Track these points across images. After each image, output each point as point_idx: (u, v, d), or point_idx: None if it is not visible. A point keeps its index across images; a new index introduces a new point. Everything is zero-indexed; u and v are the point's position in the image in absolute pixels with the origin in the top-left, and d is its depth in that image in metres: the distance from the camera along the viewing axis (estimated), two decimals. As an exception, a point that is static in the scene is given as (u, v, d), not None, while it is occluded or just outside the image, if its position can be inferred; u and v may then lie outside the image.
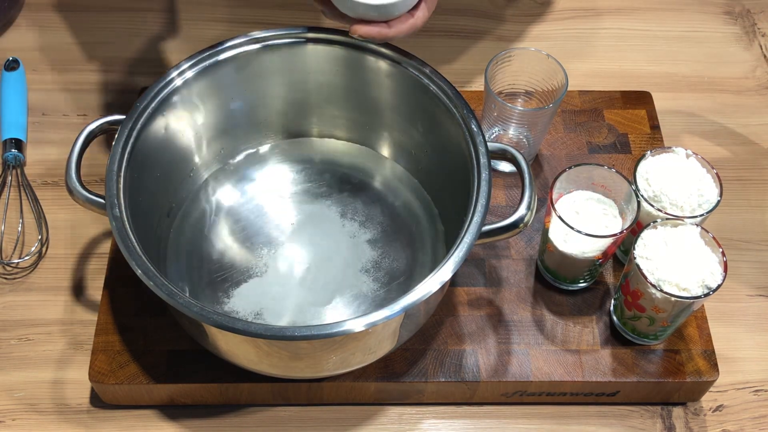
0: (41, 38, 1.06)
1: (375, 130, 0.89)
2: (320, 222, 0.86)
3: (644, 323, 0.77)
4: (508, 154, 0.75)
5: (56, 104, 1.00)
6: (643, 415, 0.81)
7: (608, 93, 0.97)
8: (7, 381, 0.81)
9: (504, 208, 0.89)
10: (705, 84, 1.05)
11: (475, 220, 0.70)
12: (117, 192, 0.72)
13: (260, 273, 0.82)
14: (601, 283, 0.84)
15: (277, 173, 0.89)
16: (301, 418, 0.80)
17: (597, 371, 0.78)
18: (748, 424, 0.81)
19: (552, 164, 0.92)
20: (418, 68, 0.80)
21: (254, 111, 0.87)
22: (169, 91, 0.78)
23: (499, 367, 0.78)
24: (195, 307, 0.66)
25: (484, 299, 0.82)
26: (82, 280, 0.87)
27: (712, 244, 0.74)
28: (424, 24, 0.77)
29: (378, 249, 0.84)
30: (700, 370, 0.78)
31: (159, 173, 0.80)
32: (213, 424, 0.79)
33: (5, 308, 0.85)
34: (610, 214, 0.79)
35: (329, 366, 0.72)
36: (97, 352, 0.78)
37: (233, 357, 0.72)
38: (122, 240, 0.69)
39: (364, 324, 0.65)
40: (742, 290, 0.88)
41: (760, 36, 1.09)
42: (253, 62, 0.82)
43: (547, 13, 1.11)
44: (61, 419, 0.79)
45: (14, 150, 0.93)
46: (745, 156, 0.98)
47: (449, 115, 0.78)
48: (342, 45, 0.81)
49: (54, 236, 0.90)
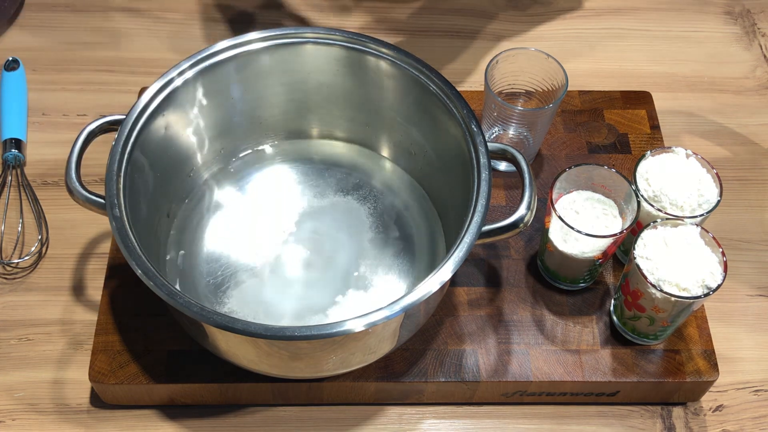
0: (41, 38, 1.06)
1: (375, 130, 0.89)
2: (320, 222, 0.86)
3: (644, 323, 0.77)
4: (508, 154, 0.75)
5: (56, 104, 1.00)
6: (643, 415, 0.81)
7: (608, 93, 0.97)
8: (7, 381, 0.81)
9: (504, 208, 0.89)
10: (705, 84, 1.05)
11: (475, 220, 0.70)
12: (117, 192, 0.72)
13: (260, 273, 0.82)
14: (601, 283, 0.84)
15: (277, 173, 0.89)
16: (301, 418, 0.80)
17: (597, 371, 0.78)
18: (748, 424, 0.81)
19: (552, 164, 0.92)
20: (418, 68, 0.80)
21: (254, 111, 0.87)
22: (169, 91, 0.78)
23: (499, 367, 0.78)
24: (195, 307, 0.66)
25: (484, 299, 0.82)
26: (82, 280, 0.87)
27: (712, 244, 0.74)
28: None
29: (378, 249, 0.84)
30: (700, 370, 0.78)
31: (159, 173, 0.80)
32: (213, 424, 0.79)
33: (5, 308, 0.85)
34: (610, 214, 0.79)
35: (329, 366, 0.72)
36: (97, 352, 0.78)
37: (233, 357, 0.72)
38: (122, 240, 0.69)
39: (364, 324, 0.65)
40: (742, 290, 0.88)
41: (760, 36, 1.09)
42: (253, 62, 0.82)
43: (547, 13, 1.11)
44: (61, 419, 0.79)
45: (14, 150, 0.93)
46: (745, 156, 0.98)
47: (449, 115, 0.78)
48: (342, 45, 0.81)
49: (54, 236, 0.90)
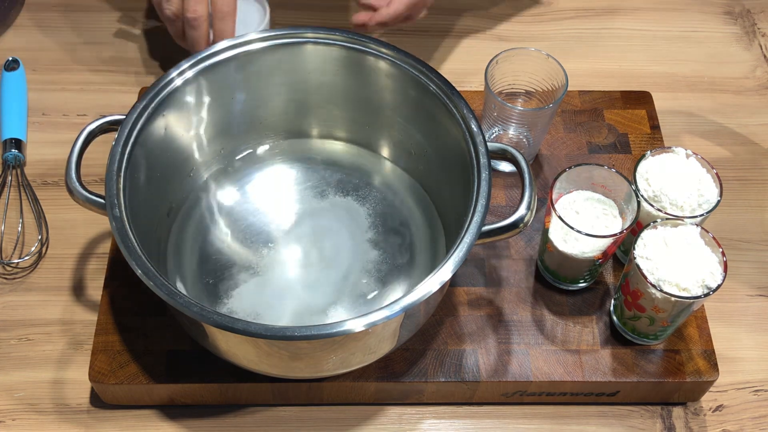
0: (41, 38, 1.06)
1: (375, 130, 0.89)
2: (320, 222, 0.86)
3: (644, 323, 0.77)
4: (508, 154, 0.75)
5: (56, 104, 1.00)
6: (643, 415, 0.81)
7: (608, 93, 0.97)
8: (7, 381, 0.81)
9: (504, 208, 0.89)
10: (705, 84, 1.05)
11: (475, 220, 0.70)
12: (117, 192, 0.72)
13: (260, 273, 0.82)
14: (601, 283, 0.84)
15: (277, 173, 0.89)
16: (301, 418, 0.80)
17: (597, 371, 0.78)
18: (748, 424, 0.81)
19: (552, 164, 0.92)
20: (418, 68, 0.79)
21: (254, 111, 0.87)
22: (169, 91, 0.78)
23: (499, 367, 0.78)
24: (195, 307, 0.66)
25: (484, 299, 0.82)
26: (82, 280, 0.87)
27: (712, 244, 0.74)
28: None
29: (378, 249, 0.84)
30: (700, 370, 0.78)
31: (159, 173, 0.80)
32: (213, 424, 0.79)
33: (5, 308, 0.85)
34: (610, 214, 0.79)
35: (329, 366, 0.72)
36: (97, 352, 0.78)
37: (233, 357, 0.72)
38: (122, 240, 0.69)
39: (364, 324, 0.65)
40: (742, 290, 0.88)
41: (760, 36, 1.09)
42: (253, 62, 0.82)
43: (547, 13, 1.11)
44: (61, 419, 0.79)
45: (14, 150, 0.93)
46: (745, 156, 0.98)
47: (449, 115, 0.78)
48: (342, 45, 0.81)
49: (54, 236, 0.89)
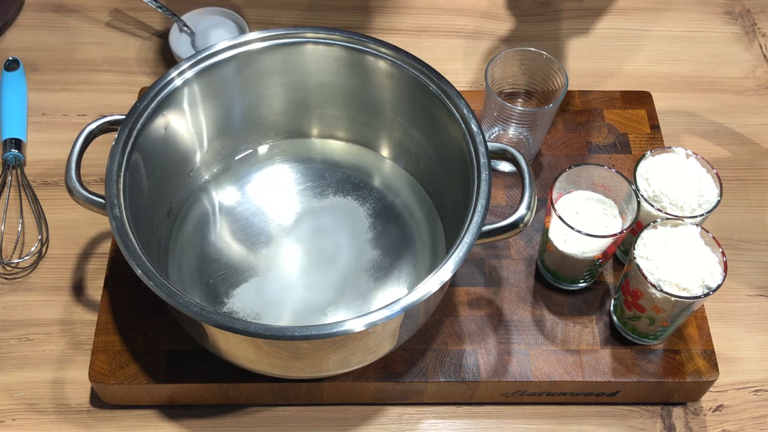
0: (41, 38, 1.06)
1: (375, 130, 0.89)
2: (320, 222, 0.86)
3: (644, 323, 0.77)
4: (508, 154, 0.75)
5: (56, 104, 1.00)
6: (643, 415, 0.81)
7: (608, 93, 0.97)
8: (7, 381, 0.81)
9: (504, 208, 0.89)
10: (705, 84, 1.05)
11: (475, 220, 0.70)
12: (117, 192, 0.72)
13: (260, 273, 0.82)
14: (601, 283, 0.84)
15: (277, 173, 0.89)
16: (301, 418, 0.80)
17: (597, 371, 0.78)
18: (748, 424, 0.81)
19: (552, 164, 0.92)
20: (418, 68, 0.79)
21: (254, 111, 0.87)
22: (169, 91, 0.78)
23: (499, 367, 0.78)
24: (195, 307, 0.66)
25: (484, 299, 0.82)
26: (82, 280, 0.87)
27: (712, 244, 0.74)
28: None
29: (378, 249, 0.84)
30: (700, 370, 0.78)
31: (159, 173, 0.80)
32: (213, 424, 0.79)
33: (5, 308, 0.85)
34: (610, 214, 0.79)
35: (329, 366, 0.72)
36: (97, 352, 0.78)
37: (233, 357, 0.72)
38: (122, 240, 0.69)
39: (364, 324, 0.65)
40: (742, 290, 0.88)
41: (760, 36, 1.09)
42: (253, 62, 0.82)
43: (547, 13, 1.11)
44: (61, 419, 0.79)
45: (14, 150, 0.93)
46: (745, 156, 0.98)
47: (449, 115, 0.78)
48: (342, 45, 0.81)
49: (54, 236, 0.89)
